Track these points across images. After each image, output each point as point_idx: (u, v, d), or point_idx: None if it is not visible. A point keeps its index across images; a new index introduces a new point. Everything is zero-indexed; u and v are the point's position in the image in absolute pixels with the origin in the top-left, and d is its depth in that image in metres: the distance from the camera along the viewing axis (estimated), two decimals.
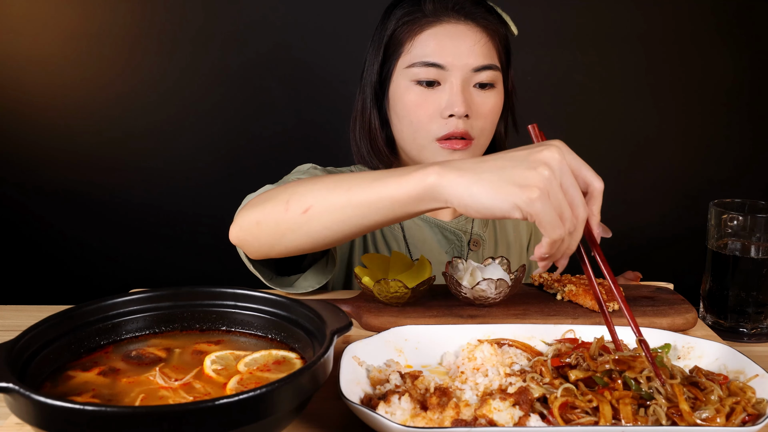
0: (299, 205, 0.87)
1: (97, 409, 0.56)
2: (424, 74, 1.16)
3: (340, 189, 0.84)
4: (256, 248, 0.95)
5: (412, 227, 1.33)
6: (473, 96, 1.18)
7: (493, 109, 1.21)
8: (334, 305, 0.77)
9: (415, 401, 0.72)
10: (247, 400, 0.58)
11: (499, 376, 0.78)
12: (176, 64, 2.32)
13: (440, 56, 1.16)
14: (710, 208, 1.06)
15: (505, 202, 0.72)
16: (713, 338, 0.96)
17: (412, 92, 1.18)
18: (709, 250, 1.06)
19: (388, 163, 1.29)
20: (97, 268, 2.46)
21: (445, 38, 1.17)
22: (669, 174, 2.48)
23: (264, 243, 0.93)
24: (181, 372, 0.72)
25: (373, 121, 1.26)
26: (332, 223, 0.85)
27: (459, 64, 1.16)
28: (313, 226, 0.86)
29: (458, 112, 1.15)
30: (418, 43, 1.18)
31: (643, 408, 0.71)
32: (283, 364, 0.74)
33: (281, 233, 0.90)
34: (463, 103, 1.15)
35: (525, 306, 1.02)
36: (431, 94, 1.18)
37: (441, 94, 1.17)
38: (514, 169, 0.73)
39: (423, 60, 1.17)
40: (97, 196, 2.40)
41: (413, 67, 1.18)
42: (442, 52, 1.16)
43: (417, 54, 1.18)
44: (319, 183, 0.87)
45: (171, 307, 0.81)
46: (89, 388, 0.69)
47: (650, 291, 1.08)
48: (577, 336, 0.87)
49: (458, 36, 1.17)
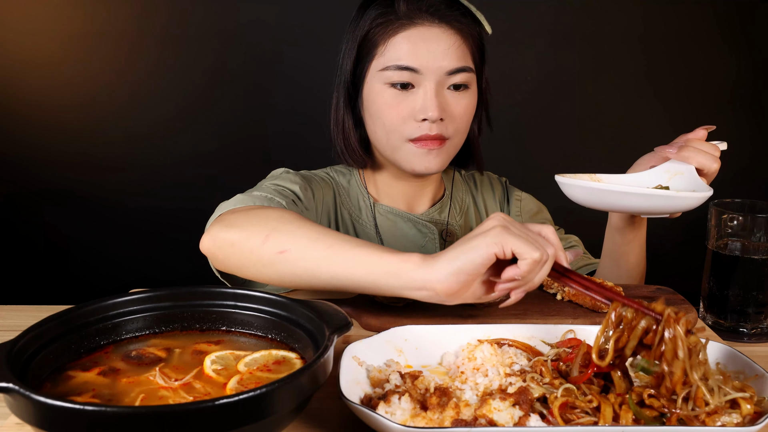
0: (277, 244, 0.88)
1: (97, 409, 0.56)
2: (398, 77, 1.17)
3: (321, 243, 0.86)
4: (224, 265, 0.95)
5: (385, 222, 1.32)
6: (447, 98, 1.19)
7: (467, 110, 1.22)
8: (334, 305, 0.77)
9: (415, 401, 0.72)
10: (247, 400, 0.58)
11: (499, 376, 0.77)
12: (177, 64, 2.32)
13: (414, 60, 1.16)
14: (710, 208, 1.06)
15: (478, 251, 0.80)
16: (713, 338, 0.96)
17: (386, 94, 1.18)
18: (709, 250, 1.06)
19: (362, 162, 1.29)
20: (97, 268, 2.46)
21: (419, 41, 1.17)
22: None
23: (232, 265, 0.93)
24: (181, 372, 0.72)
25: (347, 121, 1.26)
26: (303, 272, 0.87)
27: (433, 68, 1.16)
28: (285, 268, 0.88)
29: (432, 116, 1.16)
30: (391, 46, 1.18)
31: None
32: (283, 364, 0.74)
33: (252, 263, 0.90)
34: (437, 107, 1.16)
35: (525, 306, 1.02)
36: (405, 97, 1.18)
37: (415, 97, 1.18)
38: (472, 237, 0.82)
39: (397, 63, 1.17)
40: (97, 196, 2.40)
41: (387, 71, 1.18)
42: (415, 55, 1.16)
43: (390, 57, 1.18)
44: (303, 229, 0.89)
45: (171, 307, 0.81)
46: (89, 388, 0.69)
47: (650, 291, 1.09)
48: (578, 336, 0.87)
49: (432, 39, 1.17)
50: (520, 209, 1.42)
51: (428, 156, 1.20)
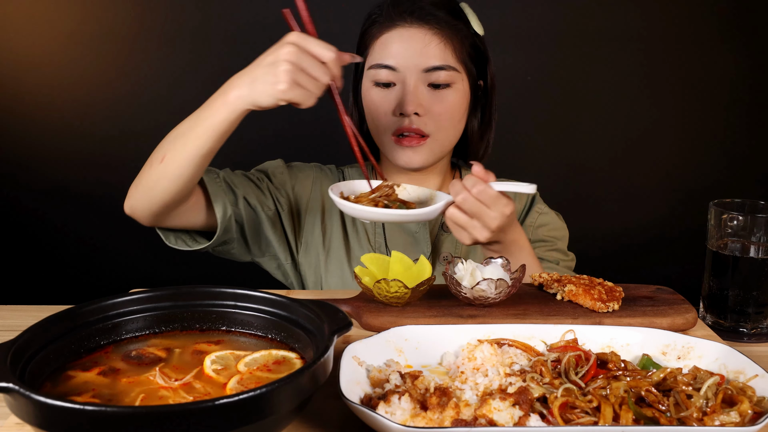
0: (156, 160, 1.10)
1: (97, 409, 0.56)
2: (380, 76, 1.27)
3: (177, 134, 1.09)
4: (141, 209, 1.15)
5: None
6: (426, 95, 1.26)
7: (450, 108, 1.28)
8: (333, 305, 0.77)
9: (415, 401, 0.72)
10: (247, 400, 0.58)
11: (499, 376, 0.78)
12: (176, 64, 2.32)
13: (392, 59, 1.26)
14: (710, 208, 1.06)
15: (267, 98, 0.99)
16: (713, 338, 0.96)
17: (373, 92, 1.29)
18: (709, 250, 1.06)
19: (373, 155, 1.33)
20: (98, 267, 2.46)
21: (397, 41, 1.26)
22: (669, 173, 2.48)
23: (143, 201, 1.13)
24: (181, 372, 0.72)
25: (354, 115, 1.38)
26: (181, 159, 1.07)
27: (409, 65, 1.25)
28: (170, 167, 1.08)
29: (407, 110, 1.25)
30: (377, 46, 1.28)
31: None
32: (283, 364, 0.74)
33: (150, 187, 1.11)
34: (413, 102, 1.25)
35: (525, 306, 1.02)
36: (387, 94, 1.28)
37: (395, 93, 1.27)
38: (260, 67, 1.00)
39: (379, 62, 1.27)
40: (98, 195, 2.39)
41: (372, 69, 1.29)
42: (393, 55, 1.26)
43: (375, 57, 1.28)
44: (169, 136, 1.11)
45: (171, 307, 0.81)
46: (89, 388, 0.69)
47: (650, 291, 1.08)
48: (577, 336, 0.87)
49: (409, 39, 1.25)
50: (535, 221, 1.41)
51: (407, 151, 1.29)
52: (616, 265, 2.41)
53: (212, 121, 1.04)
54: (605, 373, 0.79)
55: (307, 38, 1.00)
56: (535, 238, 1.38)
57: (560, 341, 0.87)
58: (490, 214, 1.06)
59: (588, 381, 0.77)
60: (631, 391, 0.73)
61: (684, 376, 0.76)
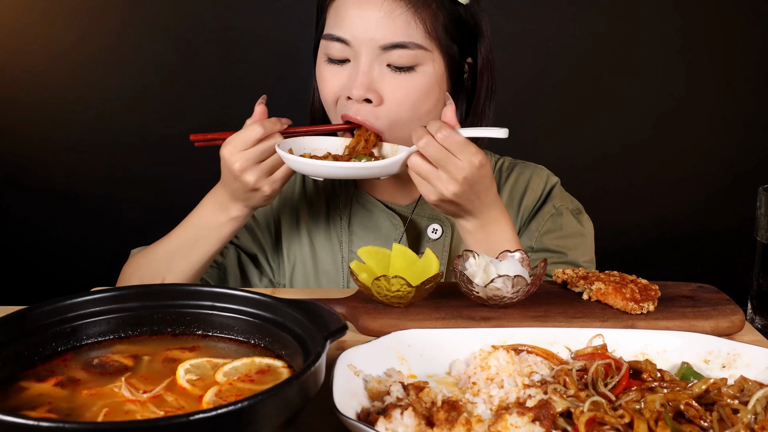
0: (154, 279, 1.23)
1: (54, 425, 0.56)
2: (332, 49, 1.18)
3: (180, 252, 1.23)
4: None
5: (359, 210, 1.36)
6: (383, 78, 1.16)
7: (410, 95, 1.17)
8: (326, 306, 0.77)
9: (420, 416, 0.72)
10: (226, 415, 0.57)
11: (516, 388, 0.77)
12: (176, 63, 2.41)
13: (344, 29, 1.16)
14: (759, 194, 1.06)
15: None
16: (763, 344, 0.96)
17: (323, 67, 1.22)
18: (759, 243, 1.06)
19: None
20: (62, 264, 2.48)
21: (353, 8, 1.15)
22: (709, 155, 2.47)
23: None
24: (151, 383, 0.72)
25: (314, 92, 1.31)
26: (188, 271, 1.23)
27: (364, 39, 1.15)
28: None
29: (353, 94, 1.16)
30: (331, 12, 1.19)
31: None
32: (267, 373, 0.74)
33: None
34: (361, 85, 1.15)
35: (546, 307, 1.01)
36: (338, 72, 1.19)
37: (347, 72, 1.18)
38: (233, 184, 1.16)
39: (329, 33, 1.18)
40: (66, 186, 2.45)
41: (323, 40, 1.20)
42: (347, 23, 1.15)
43: (328, 24, 1.20)
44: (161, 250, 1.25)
45: (139, 308, 0.81)
46: (45, 401, 0.69)
47: (690, 290, 1.08)
48: (607, 342, 0.87)
49: (366, 5, 1.14)
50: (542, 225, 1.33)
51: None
52: (647, 260, 2.41)
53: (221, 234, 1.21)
54: (639, 384, 0.79)
55: (230, 142, 1.13)
56: (539, 247, 1.31)
57: (587, 347, 0.87)
58: (456, 163, 1.05)
59: (619, 393, 0.77)
60: (668, 404, 0.73)
61: (729, 387, 0.77)
